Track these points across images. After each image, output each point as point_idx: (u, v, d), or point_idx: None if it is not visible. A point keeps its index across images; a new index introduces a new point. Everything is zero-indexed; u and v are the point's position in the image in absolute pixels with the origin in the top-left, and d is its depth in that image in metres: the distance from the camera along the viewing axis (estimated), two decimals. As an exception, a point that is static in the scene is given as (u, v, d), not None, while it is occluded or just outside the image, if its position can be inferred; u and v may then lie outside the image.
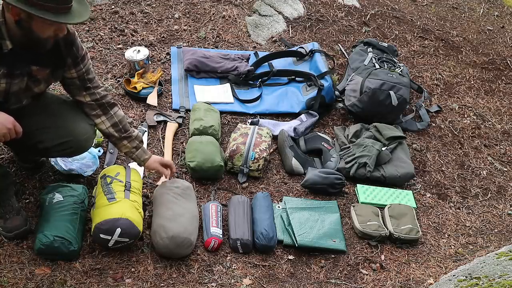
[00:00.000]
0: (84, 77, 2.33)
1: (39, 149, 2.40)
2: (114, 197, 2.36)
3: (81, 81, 2.33)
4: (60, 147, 2.36)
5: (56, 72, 2.28)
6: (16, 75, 2.15)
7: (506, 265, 2.03)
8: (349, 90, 3.39)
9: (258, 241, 2.55)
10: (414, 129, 3.48)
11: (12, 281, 2.21)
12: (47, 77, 2.27)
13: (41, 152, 2.49)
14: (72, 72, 2.30)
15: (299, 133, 3.20)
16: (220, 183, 2.87)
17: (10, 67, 2.11)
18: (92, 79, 2.37)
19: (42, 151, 2.42)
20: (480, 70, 4.17)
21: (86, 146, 2.47)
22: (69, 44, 2.22)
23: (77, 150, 2.46)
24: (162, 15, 3.91)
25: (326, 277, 2.53)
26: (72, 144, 2.37)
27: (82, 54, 2.29)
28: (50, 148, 2.38)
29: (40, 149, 2.39)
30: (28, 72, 2.18)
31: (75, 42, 2.25)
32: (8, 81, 2.14)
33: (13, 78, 2.15)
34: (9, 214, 2.35)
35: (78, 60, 2.28)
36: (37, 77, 2.23)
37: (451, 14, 4.82)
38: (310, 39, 4.01)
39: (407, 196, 2.99)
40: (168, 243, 2.36)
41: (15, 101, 2.24)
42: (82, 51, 2.29)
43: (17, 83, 2.17)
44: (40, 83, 2.26)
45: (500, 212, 3.07)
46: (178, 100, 3.29)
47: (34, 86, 2.25)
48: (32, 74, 2.20)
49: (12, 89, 2.18)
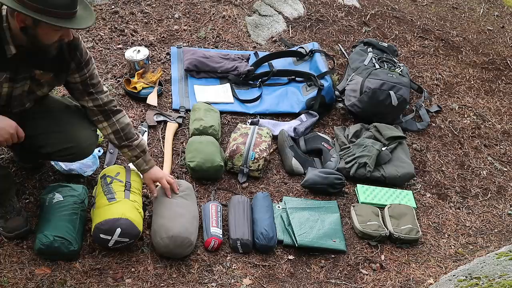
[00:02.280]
0: (87, 82, 2.31)
1: (41, 153, 2.41)
2: (114, 197, 2.36)
3: (84, 85, 2.32)
4: (62, 152, 2.37)
5: (60, 76, 2.27)
6: (19, 79, 2.14)
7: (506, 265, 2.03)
8: (349, 90, 3.39)
9: (258, 241, 2.55)
10: (414, 129, 3.48)
11: (12, 281, 2.22)
12: (50, 81, 2.26)
13: (42, 156, 2.49)
14: (75, 77, 2.29)
15: (299, 133, 3.20)
16: (220, 183, 2.87)
17: (13, 72, 2.11)
18: (95, 84, 2.34)
19: (43, 155, 2.43)
20: (480, 70, 4.16)
21: (88, 152, 2.48)
22: (73, 48, 2.21)
23: (79, 156, 2.46)
24: (162, 15, 3.91)
25: (326, 277, 2.53)
26: (74, 150, 2.37)
27: (86, 59, 2.27)
28: (52, 153, 2.39)
29: (42, 154, 2.40)
30: (31, 76, 2.17)
31: (79, 46, 2.24)
32: (11, 85, 2.13)
33: (16, 82, 2.14)
34: (10, 214, 2.35)
35: (82, 65, 2.27)
36: (40, 81, 2.22)
37: (451, 14, 4.82)
38: (310, 39, 4.01)
39: (407, 196, 2.99)
40: (168, 243, 2.36)
41: (18, 105, 2.23)
42: (86, 55, 2.27)
43: (19, 87, 2.17)
44: (43, 86, 2.26)
45: (500, 212, 3.07)
46: (178, 100, 3.29)
47: (37, 90, 2.25)
48: (35, 78, 2.19)
49: (15, 92, 2.17)
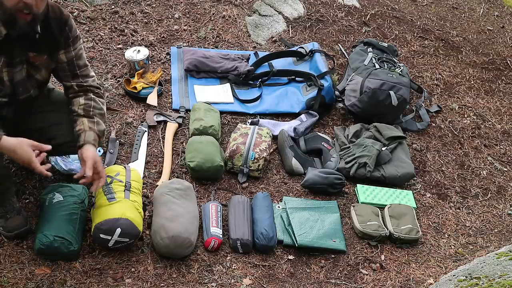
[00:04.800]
0: (74, 62, 2.31)
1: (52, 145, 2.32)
2: (114, 197, 2.36)
3: (70, 66, 2.31)
4: (71, 143, 2.35)
5: (54, 56, 2.29)
6: (16, 63, 2.18)
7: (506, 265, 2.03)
8: (349, 90, 3.39)
9: (258, 241, 2.55)
10: (414, 129, 3.48)
11: (12, 281, 2.21)
12: (45, 62, 2.28)
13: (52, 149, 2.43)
14: (61, 54, 2.29)
15: (299, 133, 3.20)
16: (220, 183, 2.87)
17: (9, 56, 2.14)
18: (81, 66, 2.35)
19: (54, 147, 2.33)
20: (480, 70, 4.16)
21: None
22: (63, 24, 2.24)
23: None
24: (162, 15, 3.91)
25: (326, 277, 2.53)
26: None
27: (74, 36, 2.28)
28: (61, 145, 2.36)
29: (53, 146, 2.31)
30: (26, 59, 2.20)
31: (68, 22, 2.25)
32: (10, 69, 2.17)
33: (14, 67, 2.18)
34: (10, 213, 2.35)
35: (69, 41, 2.28)
36: (35, 64, 2.25)
37: (451, 14, 4.82)
38: (310, 39, 4.01)
39: (407, 196, 2.99)
40: (168, 243, 2.36)
41: (23, 91, 2.27)
42: (75, 33, 2.29)
43: (18, 72, 2.20)
44: (40, 69, 2.28)
45: (500, 212, 3.07)
46: (178, 100, 3.29)
47: (35, 73, 2.28)
48: (30, 61, 2.22)
49: (16, 78, 2.21)
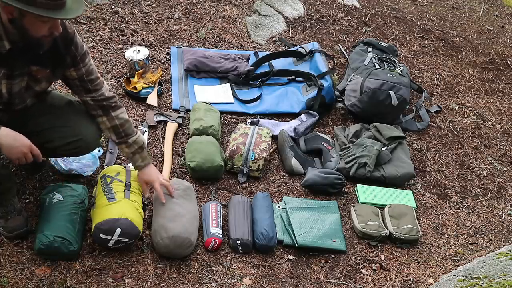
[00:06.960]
0: (84, 78, 2.30)
1: (47, 149, 2.36)
2: (114, 197, 2.36)
3: (81, 82, 2.30)
4: (68, 146, 2.35)
5: (57, 71, 2.26)
6: (16, 75, 2.14)
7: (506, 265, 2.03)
8: (349, 90, 3.39)
9: (258, 241, 2.55)
10: (414, 129, 3.48)
11: (12, 281, 2.21)
12: (47, 76, 2.25)
13: (47, 152, 2.44)
14: (71, 71, 2.27)
15: (299, 133, 3.19)
16: (220, 183, 2.87)
17: (10, 68, 2.10)
18: (93, 81, 2.33)
19: (49, 150, 2.39)
20: (480, 70, 4.16)
21: (94, 146, 2.48)
22: (68, 42, 2.19)
23: (85, 150, 2.46)
24: (162, 15, 3.91)
25: (326, 277, 2.53)
26: (81, 143, 2.37)
27: (81, 53, 2.24)
28: (58, 147, 2.37)
29: (48, 149, 2.36)
30: (27, 72, 2.16)
31: (74, 40, 2.21)
32: (9, 81, 2.13)
33: (13, 79, 2.14)
34: (11, 214, 2.35)
35: (78, 60, 2.24)
36: (37, 77, 2.21)
37: (451, 14, 4.82)
38: (310, 39, 4.01)
39: (407, 196, 2.99)
40: (168, 243, 2.36)
41: (19, 102, 2.23)
42: (81, 50, 2.24)
43: (17, 83, 2.16)
44: (40, 82, 2.25)
45: (500, 212, 3.07)
46: (178, 100, 3.29)
47: (35, 85, 2.24)
48: (32, 74, 2.19)
49: (14, 89, 2.17)
